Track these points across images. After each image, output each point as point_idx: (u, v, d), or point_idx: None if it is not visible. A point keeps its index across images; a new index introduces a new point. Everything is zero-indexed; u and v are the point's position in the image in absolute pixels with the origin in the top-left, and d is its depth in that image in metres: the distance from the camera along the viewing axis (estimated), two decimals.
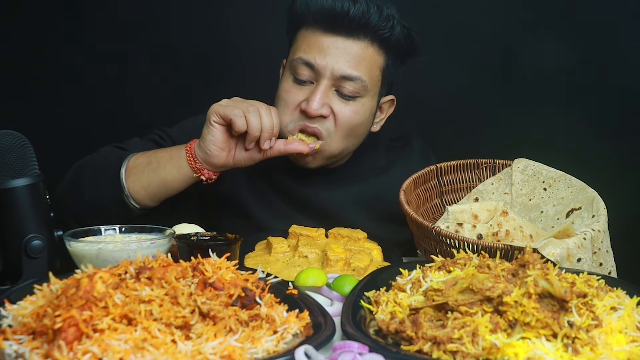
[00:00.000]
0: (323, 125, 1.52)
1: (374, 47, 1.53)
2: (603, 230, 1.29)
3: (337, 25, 1.49)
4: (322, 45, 1.50)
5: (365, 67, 1.52)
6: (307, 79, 1.52)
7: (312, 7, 1.49)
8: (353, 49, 1.50)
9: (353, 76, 1.50)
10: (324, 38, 1.50)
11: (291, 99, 1.53)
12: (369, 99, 1.56)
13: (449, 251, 1.24)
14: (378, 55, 1.54)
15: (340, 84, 1.51)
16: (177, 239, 1.22)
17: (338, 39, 1.50)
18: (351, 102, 1.53)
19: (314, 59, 1.50)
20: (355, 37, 1.50)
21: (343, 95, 1.52)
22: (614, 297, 0.98)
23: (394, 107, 1.69)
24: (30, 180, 1.11)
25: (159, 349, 0.79)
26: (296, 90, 1.53)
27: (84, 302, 0.80)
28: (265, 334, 0.88)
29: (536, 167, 1.53)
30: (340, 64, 1.49)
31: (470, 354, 0.83)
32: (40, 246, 1.09)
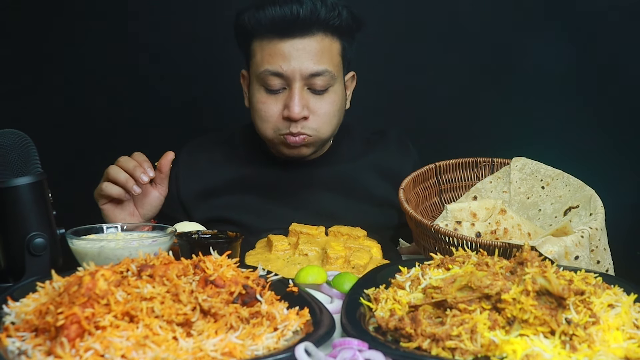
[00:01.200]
0: (306, 128, 1.57)
1: (328, 37, 1.57)
2: (600, 228, 1.29)
3: (291, 29, 1.53)
4: (283, 52, 1.53)
5: (328, 58, 1.56)
6: (278, 87, 1.56)
7: (262, 19, 1.53)
8: (312, 45, 1.54)
9: (320, 71, 1.55)
10: (282, 44, 1.53)
11: (271, 110, 1.58)
12: (338, 85, 1.61)
13: (447, 249, 1.24)
14: (334, 42, 1.59)
15: (311, 82, 1.55)
16: (179, 237, 1.22)
17: (295, 41, 1.53)
18: (325, 95, 1.58)
19: (280, 67, 1.53)
20: (310, 34, 1.54)
21: (316, 91, 1.57)
22: (611, 295, 0.97)
23: (355, 81, 1.74)
24: (33, 178, 1.11)
25: (160, 346, 0.79)
26: (272, 100, 1.57)
27: (86, 299, 0.80)
28: (266, 331, 0.88)
29: (534, 166, 1.53)
30: (305, 64, 1.53)
31: (469, 351, 0.83)
32: (42, 244, 1.09)
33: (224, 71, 1.84)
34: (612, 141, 2.22)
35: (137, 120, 2.28)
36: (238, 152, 1.75)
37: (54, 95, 2.25)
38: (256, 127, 1.64)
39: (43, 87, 2.25)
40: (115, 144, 2.27)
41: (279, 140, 1.60)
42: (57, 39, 2.23)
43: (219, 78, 2.17)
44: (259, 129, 1.62)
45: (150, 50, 2.26)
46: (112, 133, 2.28)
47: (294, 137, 1.57)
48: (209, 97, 2.28)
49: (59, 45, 2.23)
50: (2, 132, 1.12)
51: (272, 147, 1.67)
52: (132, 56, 2.25)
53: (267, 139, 1.63)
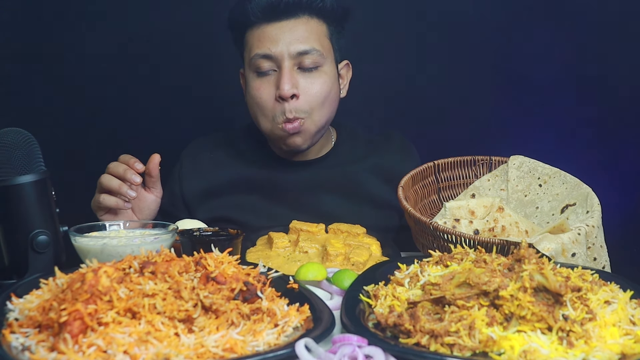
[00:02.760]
0: (299, 110, 1.57)
1: (313, 19, 1.61)
2: (597, 226, 1.29)
3: (277, 13, 1.57)
4: (272, 35, 1.57)
5: (315, 39, 1.59)
6: (269, 69, 1.58)
7: (251, 10, 1.57)
8: (298, 26, 1.58)
9: (308, 49, 1.57)
10: (270, 28, 1.57)
11: (265, 95, 1.59)
12: (328, 66, 1.62)
13: (446, 246, 1.24)
14: (320, 25, 1.62)
15: (299, 61, 1.57)
16: (180, 234, 1.22)
17: (282, 24, 1.57)
18: (315, 74, 1.59)
19: (269, 49, 1.56)
20: (296, 16, 1.58)
21: (306, 69, 1.58)
22: (608, 291, 0.97)
23: (351, 71, 1.75)
24: (37, 176, 1.11)
25: (162, 342, 0.79)
26: (264, 84, 1.59)
27: (89, 296, 0.80)
28: (267, 327, 0.88)
29: (532, 164, 1.53)
30: (292, 43, 1.56)
31: (467, 347, 0.83)
32: (46, 241, 1.09)
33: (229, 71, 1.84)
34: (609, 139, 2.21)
35: (141, 118, 2.27)
36: (241, 152, 1.75)
37: (56, 93, 2.25)
38: (255, 121, 1.64)
39: (45, 86, 2.25)
40: (117, 142, 2.27)
41: (277, 132, 1.60)
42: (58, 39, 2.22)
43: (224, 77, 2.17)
44: (257, 121, 1.63)
45: (154, 50, 2.25)
46: (115, 131, 2.28)
47: (291, 123, 1.57)
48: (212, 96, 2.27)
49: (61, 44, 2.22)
50: (5, 131, 1.12)
51: (271, 142, 1.68)
52: (136, 54, 2.25)
53: (266, 133, 1.63)
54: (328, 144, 1.78)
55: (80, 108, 2.27)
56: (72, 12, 2.23)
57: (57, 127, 2.18)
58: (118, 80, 2.25)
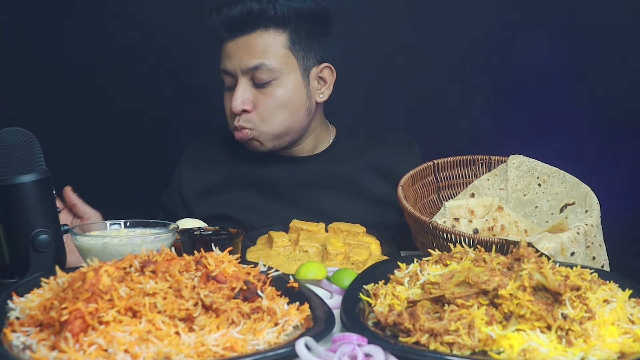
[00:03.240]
0: (248, 122, 1.62)
1: (268, 31, 1.60)
2: (596, 225, 1.29)
3: (232, 30, 1.60)
4: (228, 51, 1.62)
5: (267, 52, 1.59)
6: (231, 84, 1.64)
7: (211, 28, 1.62)
8: (250, 42, 1.59)
9: (257, 65, 1.59)
10: (229, 45, 1.62)
11: (227, 106, 1.65)
12: (286, 77, 1.62)
13: (445, 245, 1.24)
14: (276, 35, 1.61)
15: (253, 76, 1.60)
16: (181, 234, 1.22)
17: (237, 40, 1.60)
18: (268, 89, 1.61)
19: (226, 65, 1.62)
20: (249, 31, 1.60)
21: (259, 84, 1.60)
22: (607, 290, 0.97)
23: (335, 73, 1.72)
24: (38, 176, 1.10)
25: (163, 341, 0.79)
26: (227, 96, 1.66)
27: (90, 294, 0.80)
28: (267, 326, 0.88)
29: (531, 163, 1.53)
30: (243, 60, 1.59)
31: (467, 346, 0.83)
32: (47, 240, 1.09)
33: None
34: (608, 139, 2.21)
35: (141, 118, 2.27)
36: (239, 150, 1.75)
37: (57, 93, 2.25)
38: None
39: (46, 86, 2.25)
40: (118, 142, 2.27)
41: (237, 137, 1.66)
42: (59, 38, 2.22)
43: None
44: None
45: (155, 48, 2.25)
46: (116, 131, 2.28)
47: (239, 132, 1.63)
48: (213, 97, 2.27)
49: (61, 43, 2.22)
50: (6, 131, 1.12)
51: None
52: (138, 54, 2.24)
53: None
54: (325, 141, 1.78)
55: (81, 108, 2.26)
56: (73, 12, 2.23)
57: (58, 127, 2.18)
58: (119, 81, 2.25)
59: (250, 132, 1.62)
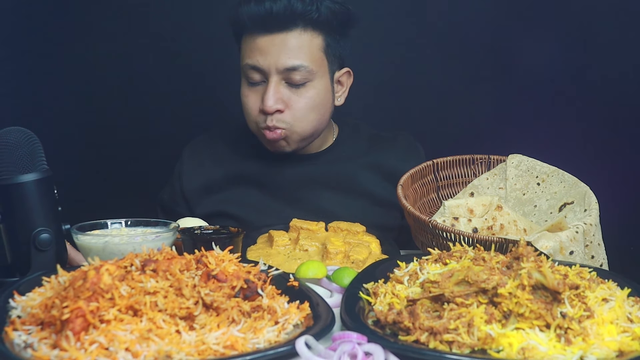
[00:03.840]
0: (281, 121, 1.58)
1: (307, 31, 1.57)
2: (595, 224, 1.29)
3: (268, 25, 1.54)
4: (261, 47, 1.55)
5: (305, 54, 1.56)
6: (258, 80, 1.58)
7: (242, 17, 1.56)
8: (289, 41, 1.55)
9: (295, 65, 1.55)
10: (261, 39, 1.55)
11: (251, 104, 1.60)
12: (319, 80, 1.60)
13: (445, 244, 1.24)
14: (314, 37, 1.58)
15: (288, 76, 1.56)
16: (182, 233, 1.22)
17: (273, 37, 1.55)
18: (302, 89, 1.58)
19: (258, 62, 1.55)
20: (287, 30, 1.55)
21: (293, 85, 1.57)
22: (606, 289, 0.97)
23: (352, 78, 1.72)
24: (39, 175, 1.10)
25: (163, 339, 0.79)
26: (252, 93, 1.60)
27: (91, 293, 0.80)
28: (267, 325, 0.88)
29: (530, 163, 1.53)
30: (280, 58, 1.54)
31: (466, 344, 0.83)
32: (48, 239, 1.09)
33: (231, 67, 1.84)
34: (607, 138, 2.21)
35: (142, 117, 2.27)
36: (240, 147, 1.75)
37: (59, 93, 2.25)
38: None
39: (47, 85, 2.24)
40: (119, 142, 2.27)
41: (260, 135, 1.62)
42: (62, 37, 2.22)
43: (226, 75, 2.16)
44: (247, 122, 1.64)
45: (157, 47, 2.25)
46: (117, 130, 2.28)
47: (270, 131, 1.58)
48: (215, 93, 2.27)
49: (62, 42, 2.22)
50: (8, 130, 1.12)
51: (259, 140, 1.67)
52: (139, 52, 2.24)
53: (253, 132, 1.65)
54: (329, 140, 1.77)
55: (82, 107, 2.27)
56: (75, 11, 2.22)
57: (60, 126, 2.18)
58: (121, 80, 2.25)
59: (283, 133, 1.59)
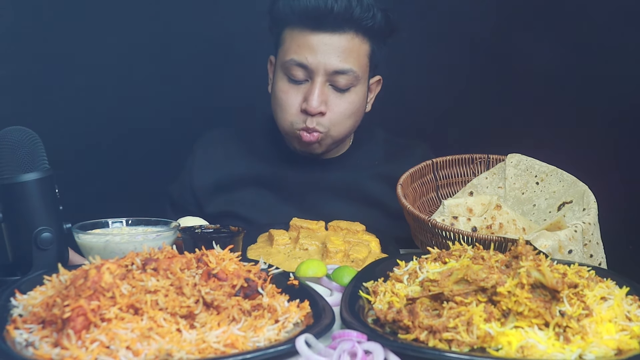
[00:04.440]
0: (321, 124, 1.54)
1: (358, 37, 1.53)
2: (593, 223, 1.29)
3: (322, 23, 1.49)
4: (311, 44, 1.50)
5: (354, 58, 1.53)
6: (301, 79, 1.53)
7: (296, 8, 1.49)
8: (341, 43, 1.50)
9: (345, 69, 1.51)
10: (312, 37, 1.50)
11: (291, 101, 1.54)
12: (360, 86, 1.58)
13: (444, 243, 1.24)
14: (363, 43, 1.54)
15: (333, 79, 1.52)
16: (182, 232, 1.22)
17: (325, 36, 1.50)
18: (346, 94, 1.55)
19: (306, 59, 1.50)
20: (341, 31, 1.50)
21: (338, 88, 1.53)
22: (604, 288, 0.97)
23: (381, 85, 1.70)
24: (40, 174, 1.10)
25: (164, 338, 0.79)
26: (293, 91, 1.54)
27: (92, 292, 0.80)
28: (267, 323, 0.88)
29: (529, 162, 1.53)
30: (331, 60, 1.50)
31: (465, 343, 0.83)
32: (49, 238, 1.09)
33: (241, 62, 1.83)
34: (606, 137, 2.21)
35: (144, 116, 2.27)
36: (254, 147, 1.71)
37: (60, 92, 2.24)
38: (275, 116, 1.60)
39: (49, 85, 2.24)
40: (121, 140, 2.27)
41: (293, 134, 1.57)
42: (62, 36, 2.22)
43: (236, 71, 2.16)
44: (277, 118, 1.59)
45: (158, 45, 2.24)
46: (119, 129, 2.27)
47: (308, 133, 1.54)
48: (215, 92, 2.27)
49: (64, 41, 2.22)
50: (10, 130, 1.12)
51: (287, 139, 1.63)
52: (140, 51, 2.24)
53: (284, 131, 1.60)
54: (345, 145, 1.73)
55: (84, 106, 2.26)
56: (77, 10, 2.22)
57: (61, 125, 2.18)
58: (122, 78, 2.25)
59: (320, 136, 1.55)
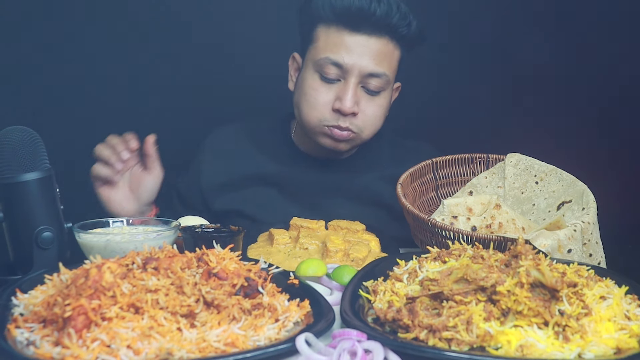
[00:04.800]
0: (353, 124, 1.55)
1: (392, 42, 1.54)
2: (593, 222, 1.29)
3: (361, 24, 1.50)
4: (348, 45, 1.50)
5: (388, 63, 1.54)
6: (334, 78, 1.53)
7: (337, 7, 1.49)
8: (376, 46, 1.51)
9: (379, 73, 1.52)
10: (349, 37, 1.50)
11: (322, 99, 1.54)
12: (389, 90, 1.60)
13: (444, 242, 1.24)
14: (396, 49, 1.56)
15: (366, 81, 1.53)
16: (183, 231, 1.22)
17: (363, 38, 1.50)
18: (376, 97, 1.56)
19: (342, 59, 1.50)
20: (378, 35, 1.51)
21: (369, 91, 1.55)
22: (603, 287, 0.97)
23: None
24: (41, 174, 1.11)
25: (165, 337, 0.79)
26: (325, 89, 1.54)
27: (93, 291, 0.80)
28: (268, 322, 0.88)
29: (528, 162, 1.53)
30: (366, 62, 1.51)
31: (465, 342, 0.83)
32: (50, 238, 1.09)
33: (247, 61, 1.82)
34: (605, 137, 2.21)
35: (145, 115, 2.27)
36: (263, 146, 1.70)
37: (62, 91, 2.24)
38: (299, 112, 1.59)
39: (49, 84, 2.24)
40: None
41: (321, 130, 1.56)
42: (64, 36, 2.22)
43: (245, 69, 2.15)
44: (303, 114, 1.58)
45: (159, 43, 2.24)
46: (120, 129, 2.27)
47: (341, 131, 1.54)
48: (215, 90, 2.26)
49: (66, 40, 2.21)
50: (11, 129, 1.12)
51: (312, 135, 1.61)
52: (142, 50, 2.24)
53: (309, 126, 1.58)
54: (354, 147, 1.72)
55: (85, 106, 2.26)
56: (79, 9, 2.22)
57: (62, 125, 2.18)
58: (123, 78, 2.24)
59: (352, 136, 1.56)
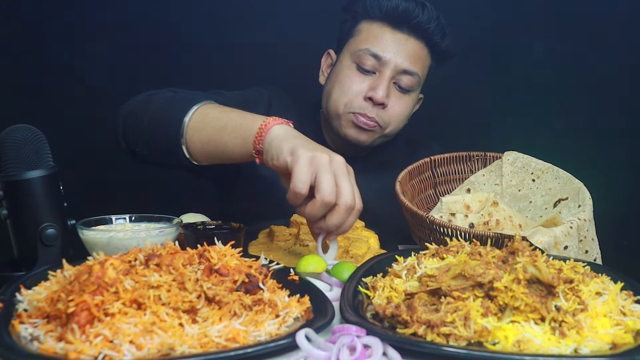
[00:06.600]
0: (380, 116, 1.58)
1: (427, 49, 1.61)
2: (589, 220, 1.29)
3: (403, 24, 1.57)
4: (388, 40, 1.57)
5: (421, 65, 1.60)
6: (371, 69, 1.58)
7: (385, 6, 1.57)
8: (413, 46, 1.58)
9: (412, 71, 1.58)
10: (390, 33, 1.58)
11: (356, 87, 1.58)
12: (416, 93, 1.64)
13: (442, 239, 1.23)
14: (428, 56, 1.63)
15: (399, 77, 1.58)
16: (184, 228, 1.22)
17: (402, 36, 1.58)
18: (405, 95, 1.61)
19: (382, 52, 1.56)
20: (415, 37, 1.58)
21: (400, 87, 1.59)
22: (599, 283, 0.97)
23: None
24: (45, 171, 1.10)
25: (167, 332, 0.79)
26: (360, 79, 1.59)
27: (96, 287, 0.80)
28: (268, 318, 0.88)
29: (525, 160, 1.53)
30: (402, 58, 1.57)
31: (463, 337, 0.83)
32: (54, 234, 1.09)
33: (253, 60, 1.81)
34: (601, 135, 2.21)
35: None
36: None
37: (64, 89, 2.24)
38: (328, 99, 1.62)
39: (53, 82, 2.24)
40: None
41: (345, 117, 1.59)
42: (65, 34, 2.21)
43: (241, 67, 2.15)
44: (331, 99, 1.61)
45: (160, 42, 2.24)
46: None
47: (366, 118, 1.57)
48: None
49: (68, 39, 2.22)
50: (15, 128, 1.12)
51: (336, 123, 1.62)
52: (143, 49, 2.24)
53: (335, 113, 1.61)
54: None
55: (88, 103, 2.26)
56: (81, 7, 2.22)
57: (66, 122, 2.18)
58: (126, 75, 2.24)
59: (376, 127, 1.59)
